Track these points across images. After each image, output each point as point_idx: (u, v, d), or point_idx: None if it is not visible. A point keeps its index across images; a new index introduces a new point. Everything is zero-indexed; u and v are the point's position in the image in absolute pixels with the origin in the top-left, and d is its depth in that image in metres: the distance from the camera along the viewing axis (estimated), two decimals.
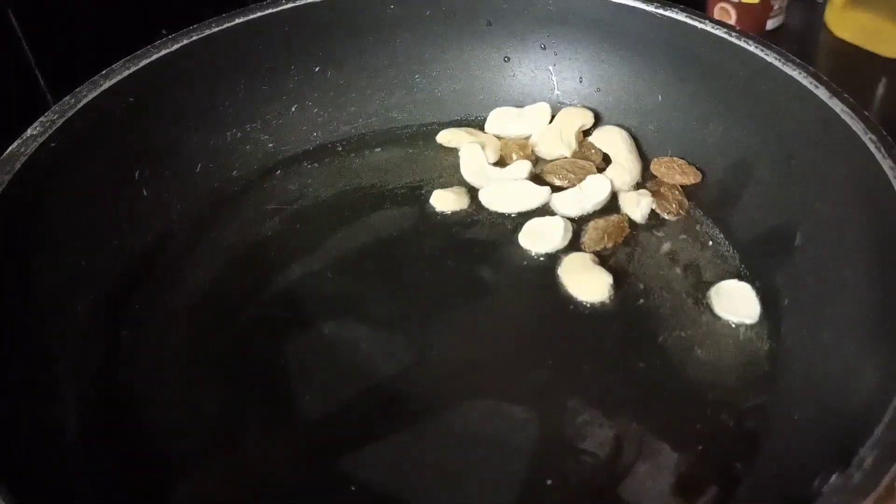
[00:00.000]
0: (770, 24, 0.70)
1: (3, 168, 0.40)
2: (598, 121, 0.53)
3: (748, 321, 0.42)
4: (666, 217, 0.48)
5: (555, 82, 0.55)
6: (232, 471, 0.37)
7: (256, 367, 0.41)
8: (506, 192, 0.49)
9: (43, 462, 0.33)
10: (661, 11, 0.49)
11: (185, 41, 0.48)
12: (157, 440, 0.38)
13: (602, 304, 0.43)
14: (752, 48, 0.46)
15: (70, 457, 0.35)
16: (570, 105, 0.54)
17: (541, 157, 0.52)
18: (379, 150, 0.54)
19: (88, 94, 0.45)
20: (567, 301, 0.44)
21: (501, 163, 0.52)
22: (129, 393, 0.39)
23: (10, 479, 0.28)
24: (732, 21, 0.69)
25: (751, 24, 0.69)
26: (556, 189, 0.50)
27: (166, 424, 0.38)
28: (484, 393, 0.40)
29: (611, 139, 0.51)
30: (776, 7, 0.70)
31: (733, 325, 0.42)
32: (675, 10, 0.49)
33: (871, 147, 0.39)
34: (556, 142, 0.52)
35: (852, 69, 0.68)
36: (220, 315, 0.44)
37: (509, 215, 0.49)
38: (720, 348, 0.41)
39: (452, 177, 0.51)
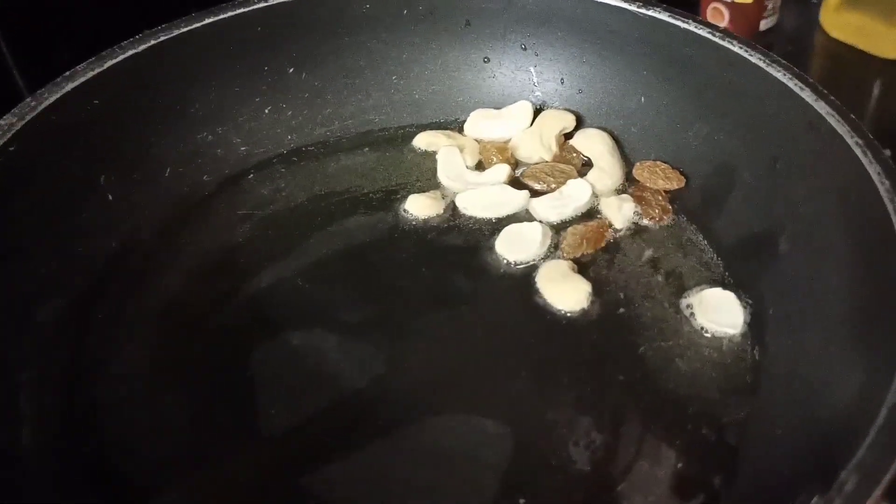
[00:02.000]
0: (764, 25, 0.69)
1: None
2: (580, 123, 0.52)
3: (731, 331, 0.41)
4: (648, 223, 0.47)
5: (536, 83, 0.53)
6: (196, 486, 0.36)
7: (223, 378, 0.40)
8: (483, 196, 0.48)
9: None
10: (643, 11, 0.48)
11: (153, 41, 0.47)
12: (119, 454, 0.36)
13: (580, 313, 0.42)
14: (736, 48, 0.44)
15: (25, 473, 0.33)
16: (552, 107, 0.53)
17: (520, 160, 0.51)
18: (355, 153, 0.52)
19: (50, 96, 0.43)
20: (544, 310, 0.42)
21: (480, 167, 0.51)
22: (91, 405, 0.38)
23: None
24: (725, 22, 0.68)
25: (744, 25, 0.68)
26: (535, 193, 0.48)
27: (129, 438, 0.37)
28: (456, 406, 0.38)
29: (592, 143, 0.50)
30: (770, 7, 0.68)
31: (716, 335, 0.41)
32: (658, 9, 0.48)
33: (857, 151, 0.38)
34: (535, 145, 0.50)
35: (847, 70, 0.67)
36: (187, 324, 0.42)
37: (487, 220, 0.47)
38: (702, 359, 0.40)
39: (430, 181, 0.50)
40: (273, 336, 0.41)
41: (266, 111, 0.52)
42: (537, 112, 0.53)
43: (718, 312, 0.41)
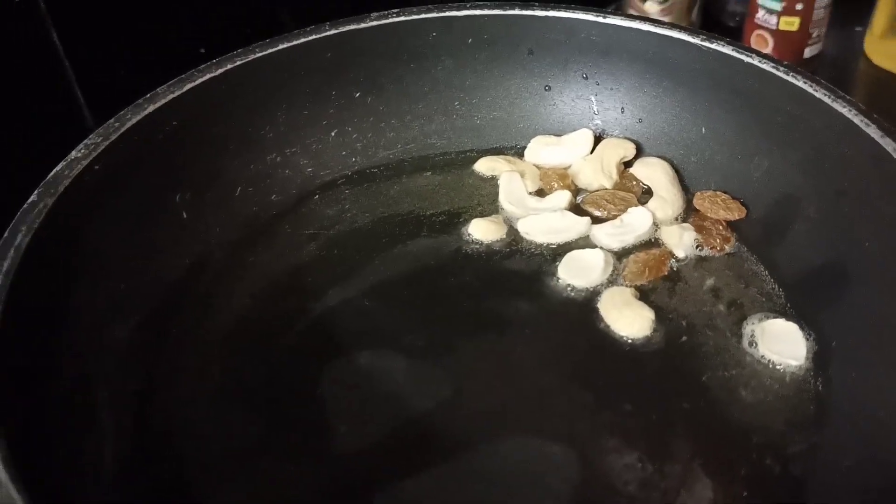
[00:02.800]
0: (808, 52, 0.69)
1: (48, 190, 0.40)
2: (640, 152, 0.53)
3: (794, 362, 0.41)
4: (709, 252, 0.47)
5: (596, 112, 0.54)
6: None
7: (291, 397, 0.41)
8: (545, 222, 0.49)
9: (78, 490, 0.33)
10: (706, 44, 0.49)
11: (230, 66, 0.49)
12: (190, 471, 0.37)
13: (644, 340, 0.43)
14: (800, 83, 0.45)
15: (104, 485, 0.35)
16: (611, 135, 0.54)
17: (581, 187, 0.52)
18: (417, 176, 0.53)
19: (133, 117, 0.45)
20: (607, 336, 0.43)
21: (541, 192, 0.52)
22: (164, 421, 0.39)
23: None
24: (770, 49, 0.68)
25: (789, 52, 0.68)
26: (596, 220, 0.49)
27: (200, 455, 0.38)
28: (521, 430, 0.39)
29: (652, 171, 0.51)
30: (814, 35, 0.69)
31: (779, 366, 0.41)
32: (721, 42, 0.48)
33: None
34: (596, 172, 0.51)
35: (892, 98, 0.67)
36: (256, 343, 0.43)
37: (548, 246, 0.48)
38: (765, 390, 0.40)
39: (491, 205, 0.51)
40: (340, 356, 0.42)
41: (332, 134, 0.53)
42: (597, 140, 0.53)
43: (781, 343, 0.42)
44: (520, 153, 0.54)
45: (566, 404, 0.40)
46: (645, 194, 0.51)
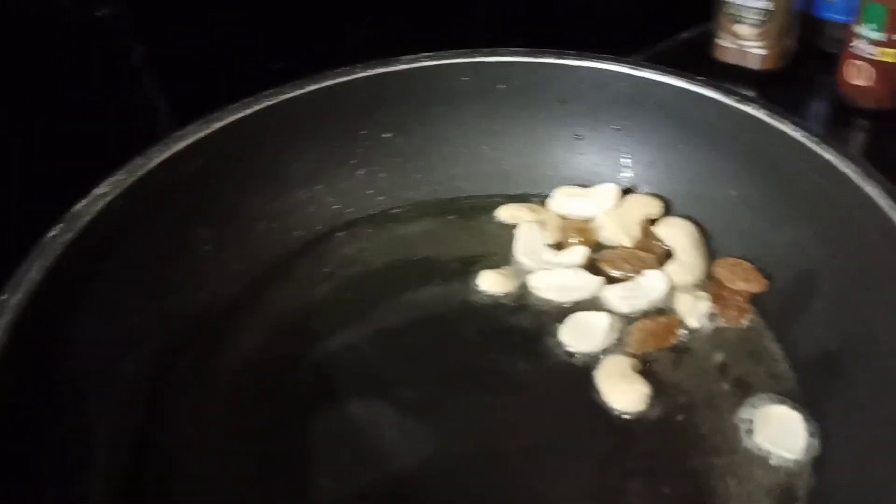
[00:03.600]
0: None
1: (69, 226, 0.42)
2: (667, 210, 0.51)
3: (790, 456, 0.39)
4: (723, 324, 0.46)
5: (625, 164, 0.53)
6: None
7: (284, 444, 0.41)
8: (557, 279, 0.48)
9: None
10: (739, 106, 0.47)
11: (259, 106, 0.50)
12: None
13: (637, 415, 0.42)
14: (829, 156, 0.43)
15: None
16: (639, 190, 0.52)
17: (601, 242, 0.51)
18: (439, 219, 0.54)
19: (161, 154, 0.46)
20: (600, 407, 0.42)
21: (559, 245, 0.51)
22: (158, 461, 0.40)
23: None
24: (871, 80, 0.64)
25: (890, 86, 0.64)
26: (610, 280, 0.48)
27: (187, 496, 0.39)
28: (502, 496, 0.39)
29: (676, 233, 0.49)
30: None
31: (773, 458, 0.39)
32: (755, 105, 0.46)
33: None
34: (618, 229, 0.50)
35: None
36: (258, 385, 0.44)
37: (557, 304, 0.47)
38: (755, 482, 0.39)
39: (506, 255, 0.51)
40: (332, 404, 0.43)
41: (360, 173, 0.54)
42: (625, 193, 0.52)
43: (780, 433, 0.40)
44: (544, 201, 0.54)
45: (551, 474, 0.40)
46: (665, 256, 0.49)
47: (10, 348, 0.36)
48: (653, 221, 0.51)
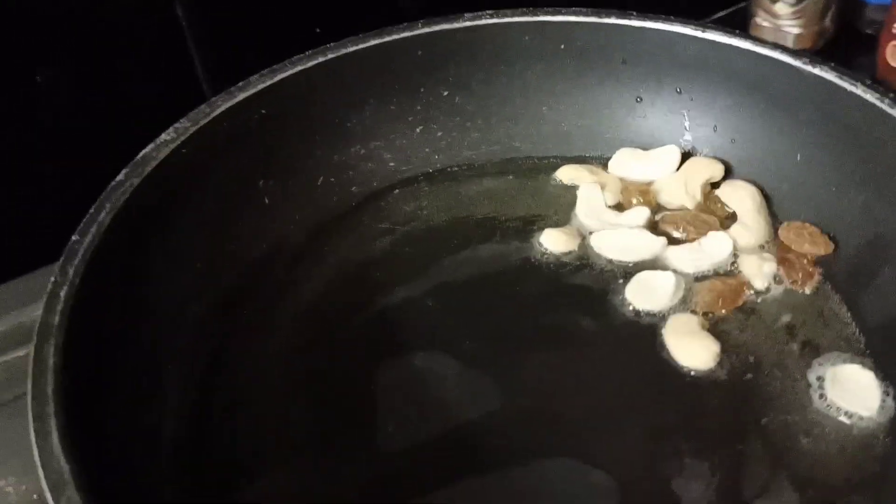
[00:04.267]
0: None
1: (135, 171, 0.42)
2: (729, 173, 0.51)
3: (865, 413, 0.39)
4: (789, 286, 0.45)
5: (687, 128, 0.52)
6: (303, 491, 0.38)
7: (346, 388, 0.42)
8: (619, 238, 0.48)
9: (129, 463, 0.35)
10: (808, 68, 0.46)
11: (321, 59, 0.49)
12: (241, 453, 0.39)
13: (706, 373, 0.41)
14: None
15: (156, 460, 0.37)
16: (701, 153, 0.52)
17: (662, 204, 0.50)
18: (497, 178, 0.53)
19: (223, 104, 0.46)
20: (668, 365, 0.42)
21: (620, 206, 0.51)
22: (224, 401, 0.41)
23: (98, 481, 0.30)
24: None
25: None
26: (673, 241, 0.48)
27: (252, 440, 0.39)
28: (565, 451, 0.39)
29: (739, 195, 0.49)
30: None
31: (847, 417, 0.39)
32: (825, 67, 0.46)
33: None
34: (679, 191, 0.50)
35: None
36: (320, 331, 0.44)
37: (619, 263, 0.47)
38: (828, 441, 0.38)
39: (567, 215, 0.50)
40: (397, 354, 0.43)
41: (417, 130, 0.54)
42: (686, 157, 0.52)
43: (853, 392, 0.40)
44: (604, 164, 0.53)
45: (615, 431, 0.40)
46: (728, 219, 0.49)
47: (88, 278, 0.36)
48: (715, 185, 0.51)
